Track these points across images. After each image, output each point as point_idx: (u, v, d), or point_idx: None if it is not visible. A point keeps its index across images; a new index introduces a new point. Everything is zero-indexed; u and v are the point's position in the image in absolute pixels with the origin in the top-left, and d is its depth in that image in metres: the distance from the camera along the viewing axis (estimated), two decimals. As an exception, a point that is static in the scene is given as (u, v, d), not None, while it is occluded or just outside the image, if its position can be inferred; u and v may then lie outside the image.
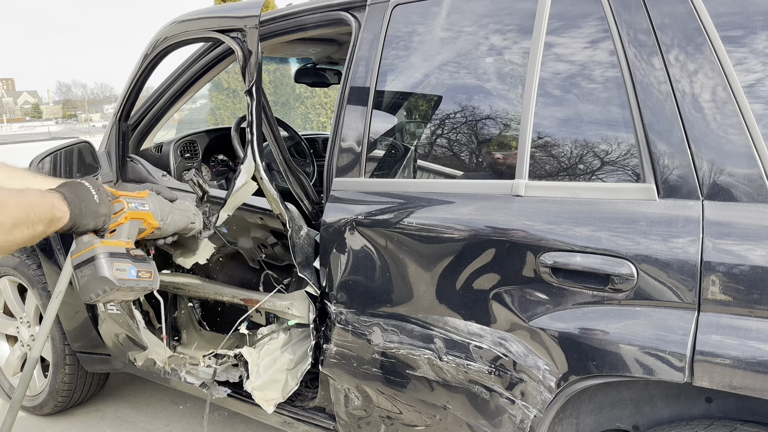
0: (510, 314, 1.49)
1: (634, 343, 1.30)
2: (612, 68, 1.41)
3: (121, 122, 2.44)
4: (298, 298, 2.06)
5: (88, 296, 1.37)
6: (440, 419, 1.70)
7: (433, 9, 1.75)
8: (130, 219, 1.42)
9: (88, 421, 2.90)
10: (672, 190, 1.31)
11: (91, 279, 1.35)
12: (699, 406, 1.41)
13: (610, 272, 1.33)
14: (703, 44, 1.30)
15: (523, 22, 1.57)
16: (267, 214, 2.01)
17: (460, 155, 1.76)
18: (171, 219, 1.54)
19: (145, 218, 1.46)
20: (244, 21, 1.86)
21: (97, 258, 1.33)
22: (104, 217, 1.32)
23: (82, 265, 1.35)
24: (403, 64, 1.84)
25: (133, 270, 1.40)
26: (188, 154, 2.77)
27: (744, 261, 1.20)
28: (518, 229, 1.47)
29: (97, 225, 1.31)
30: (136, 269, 1.41)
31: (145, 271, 1.44)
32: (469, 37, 1.69)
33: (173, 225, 1.55)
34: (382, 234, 1.70)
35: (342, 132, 1.85)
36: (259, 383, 2.07)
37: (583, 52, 1.47)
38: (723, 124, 1.26)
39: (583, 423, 1.54)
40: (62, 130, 34.56)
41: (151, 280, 1.45)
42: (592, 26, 1.45)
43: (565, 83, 1.50)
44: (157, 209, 1.49)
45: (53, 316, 2.13)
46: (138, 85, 2.36)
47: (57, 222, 1.20)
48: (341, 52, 2.98)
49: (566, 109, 1.51)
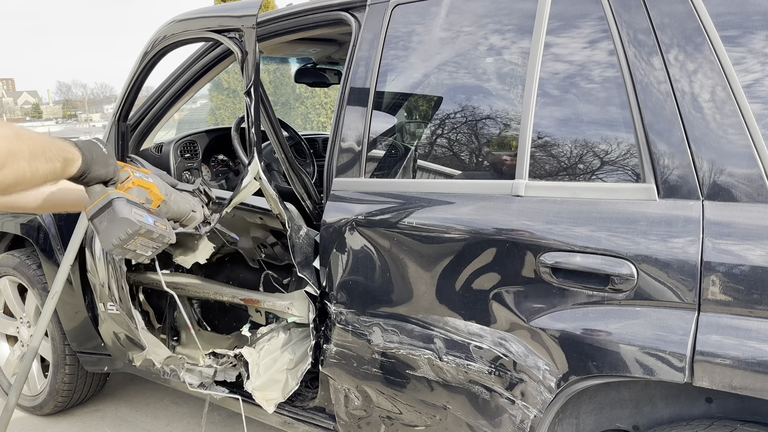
0: (510, 314, 1.49)
1: (634, 343, 1.30)
2: (612, 68, 1.41)
3: (120, 122, 2.44)
4: (298, 298, 2.06)
5: (110, 242, 1.33)
6: (440, 419, 1.70)
7: (433, 9, 1.74)
8: (137, 185, 1.41)
9: (88, 421, 2.90)
10: (672, 190, 1.31)
11: (110, 224, 1.31)
12: (699, 406, 1.41)
13: (610, 272, 1.33)
14: (703, 44, 1.30)
15: (523, 22, 1.57)
16: (267, 214, 2.01)
17: (460, 155, 1.76)
18: (173, 199, 1.53)
19: (151, 189, 1.44)
20: (242, 21, 1.86)
21: (114, 202, 1.31)
22: (113, 167, 1.32)
23: (99, 213, 1.31)
24: (403, 65, 1.84)
25: (149, 218, 1.39)
26: (188, 154, 2.76)
27: (744, 261, 1.20)
28: (518, 229, 1.47)
29: (108, 174, 1.30)
30: (152, 219, 1.40)
31: (161, 223, 1.43)
32: (469, 37, 1.69)
33: (176, 206, 1.54)
34: (382, 234, 1.70)
35: (342, 132, 1.85)
36: (259, 383, 2.07)
37: (583, 52, 1.47)
38: (723, 123, 1.26)
39: (583, 423, 1.54)
40: (62, 130, 34.57)
41: (167, 231, 1.44)
42: (592, 26, 1.45)
43: (565, 83, 1.49)
44: (161, 185, 1.49)
45: (50, 313, 2.13)
46: (137, 84, 2.36)
47: (71, 164, 1.20)
48: (341, 52, 2.97)
49: (566, 109, 1.51)
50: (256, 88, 1.82)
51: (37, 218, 2.63)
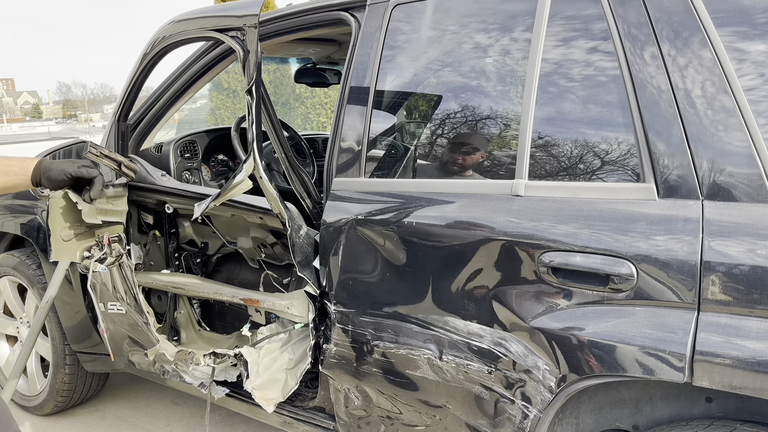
0: (510, 314, 1.49)
1: (633, 343, 1.30)
2: (612, 68, 1.41)
3: (120, 122, 2.44)
4: (298, 298, 2.06)
5: None
6: (440, 419, 1.70)
7: (432, 9, 1.74)
8: None
9: (88, 421, 2.90)
10: (672, 190, 1.31)
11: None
12: (699, 406, 1.41)
13: (609, 272, 1.33)
14: (703, 44, 1.30)
15: (523, 21, 1.57)
16: (267, 214, 2.01)
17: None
18: None
19: None
20: (244, 20, 1.86)
21: None
22: None
23: None
24: (402, 64, 1.84)
25: None
26: (188, 154, 2.77)
27: (744, 261, 1.20)
28: (518, 229, 1.47)
29: None
30: None
31: None
32: (469, 37, 1.69)
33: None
34: (381, 234, 1.70)
35: (342, 132, 1.85)
36: (258, 383, 2.07)
37: (583, 51, 1.47)
38: (723, 123, 1.26)
39: (583, 423, 1.54)
40: (62, 130, 34.58)
41: None
42: (592, 26, 1.45)
43: (565, 83, 1.50)
44: None
45: (42, 320, 2.16)
46: (137, 84, 2.36)
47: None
48: (341, 52, 2.98)
49: (566, 109, 1.51)
50: (257, 87, 1.83)
51: (37, 218, 2.63)
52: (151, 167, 2.38)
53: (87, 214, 2.03)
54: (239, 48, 1.85)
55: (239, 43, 1.86)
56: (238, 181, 1.86)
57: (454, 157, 1.77)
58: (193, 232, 2.59)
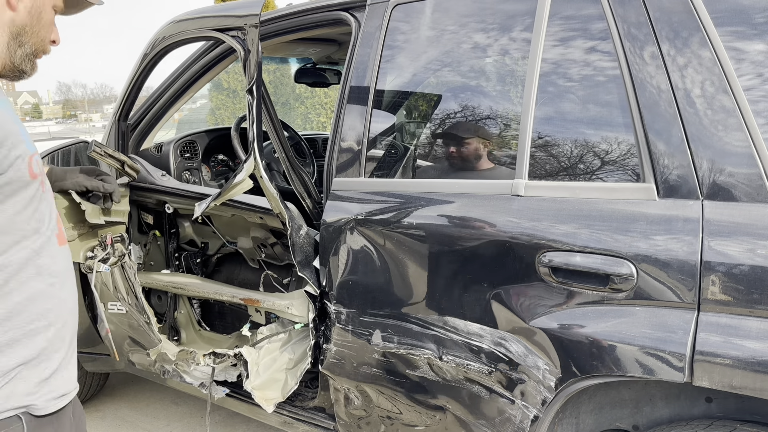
0: (510, 314, 1.49)
1: (633, 342, 1.30)
2: (612, 68, 1.41)
3: (120, 122, 2.44)
4: (298, 298, 2.06)
5: None
6: (440, 419, 1.70)
7: (432, 9, 1.74)
8: None
9: (88, 421, 2.89)
10: (672, 190, 1.31)
11: None
12: (699, 406, 1.41)
13: (609, 272, 1.33)
14: (703, 43, 1.30)
15: (523, 21, 1.57)
16: (267, 213, 2.01)
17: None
18: None
19: None
20: (245, 20, 1.86)
21: None
22: None
23: None
24: (402, 64, 1.84)
25: None
26: (188, 154, 2.77)
27: (744, 261, 1.20)
28: (518, 228, 1.47)
29: None
30: None
31: None
32: (469, 37, 1.69)
33: None
34: (381, 233, 1.70)
35: (342, 132, 1.85)
36: (258, 383, 2.07)
37: (583, 51, 1.47)
38: (722, 123, 1.26)
39: (583, 423, 1.54)
40: (62, 130, 34.58)
41: None
42: (592, 26, 1.45)
43: (565, 83, 1.50)
44: None
45: None
46: (137, 84, 2.36)
47: None
48: (341, 52, 2.98)
49: (566, 109, 1.51)
50: (258, 87, 1.83)
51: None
52: (151, 167, 2.38)
53: (91, 215, 2.03)
54: (240, 47, 1.86)
55: (240, 42, 1.86)
56: (238, 181, 1.86)
57: (454, 157, 1.76)
58: (193, 232, 2.59)
